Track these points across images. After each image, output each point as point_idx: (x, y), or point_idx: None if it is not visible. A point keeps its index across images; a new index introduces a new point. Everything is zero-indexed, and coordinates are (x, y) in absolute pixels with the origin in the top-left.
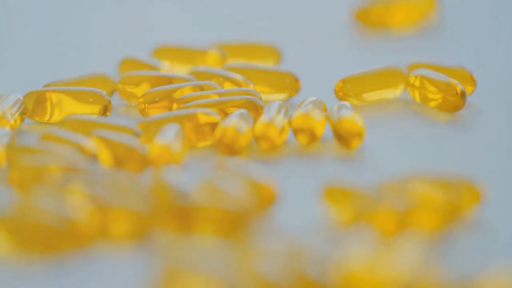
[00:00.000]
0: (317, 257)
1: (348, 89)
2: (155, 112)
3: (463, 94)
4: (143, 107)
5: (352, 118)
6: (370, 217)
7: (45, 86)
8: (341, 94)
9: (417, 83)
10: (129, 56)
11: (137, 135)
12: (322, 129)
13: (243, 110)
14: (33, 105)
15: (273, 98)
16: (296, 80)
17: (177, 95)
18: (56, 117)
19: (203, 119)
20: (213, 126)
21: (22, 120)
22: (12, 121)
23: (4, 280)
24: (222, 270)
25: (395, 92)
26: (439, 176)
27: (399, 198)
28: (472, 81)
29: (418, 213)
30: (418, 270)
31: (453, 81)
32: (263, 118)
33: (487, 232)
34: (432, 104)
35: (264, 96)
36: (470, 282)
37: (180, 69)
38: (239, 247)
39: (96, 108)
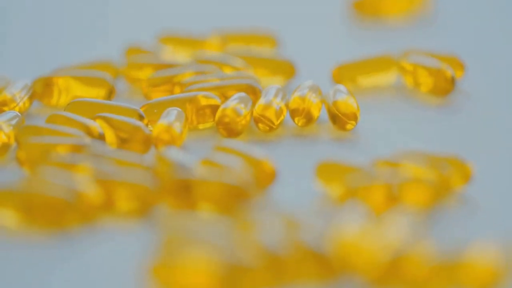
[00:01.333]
0: (313, 228)
1: (343, 73)
2: (158, 96)
3: (453, 79)
4: (147, 90)
5: (347, 101)
6: (362, 193)
7: (53, 71)
8: (337, 78)
9: (410, 68)
10: (134, 44)
11: (140, 117)
12: (318, 111)
13: (242, 93)
14: (41, 89)
15: (271, 82)
16: (292, 65)
17: (179, 79)
18: (63, 100)
19: (203, 102)
20: (214, 108)
21: (31, 103)
22: (21, 104)
23: (12, 251)
24: (221, 239)
25: (389, 77)
26: (430, 154)
27: (390, 174)
28: (461, 67)
29: (409, 188)
30: (407, 241)
31: (444, 66)
32: (261, 101)
33: (474, 208)
34: (424, 88)
35: (262, 80)
36: (457, 254)
37: (182, 56)
38: (239, 220)
39: (101, 92)
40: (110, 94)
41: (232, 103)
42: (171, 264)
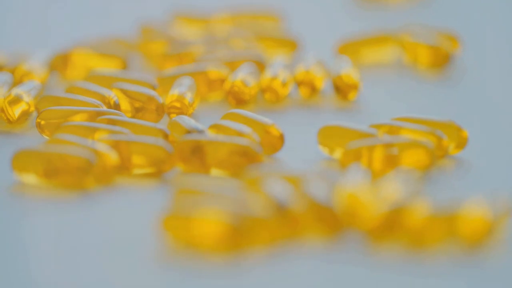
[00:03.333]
0: (320, 185)
1: (346, 47)
2: (171, 66)
3: (449, 55)
4: (160, 63)
5: (349, 72)
6: (362, 154)
7: (69, 46)
8: (340, 51)
9: (409, 44)
10: (147, 20)
11: (154, 87)
12: (321, 82)
13: (250, 65)
14: (60, 64)
15: (276, 55)
16: (295, 39)
17: (190, 53)
18: (80, 73)
19: (213, 73)
20: (222, 80)
21: (50, 74)
22: (41, 75)
23: (35, 208)
24: (232, 194)
25: (389, 52)
26: (427, 119)
27: (390, 136)
28: (458, 43)
29: (408, 149)
30: (405, 196)
31: (441, 42)
32: (268, 73)
33: (468, 171)
34: (422, 63)
35: (268, 54)
36: (452, 208)
37: (192, 31)
38: (248, 178)
39: (116, 65)
40: (124, 67)
41: (240, 74)
42: (182, 216)
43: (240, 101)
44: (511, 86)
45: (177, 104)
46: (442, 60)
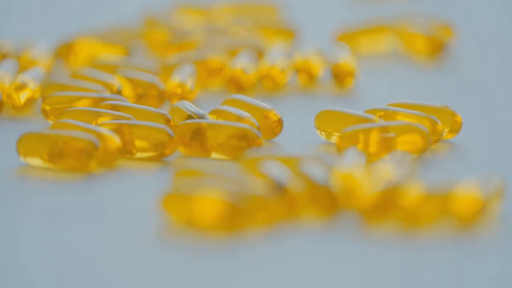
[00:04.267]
0: (318, 166)
1: (344, 35)
2: (173, 53)
3: (444, 44)
4: (162, 51)
5: (346, 60)
6: (359, 137)
7: (74, 35)
8: (338, 39)
9: (405, 33)
10: (150, 9)
11: (156, 74)
12: (319, 70)
13: (249, 52)
14: (64, 50)
15: (275, 44)
16: (293, 28)
17: (192, 42)
18: (85, 60)
19: (213, 61)
20: (222, 67)
21: (55, 62)
22: (45, 63)
23: (40, 190)
24: (232, 175)
25: (386, 40)
26: (422, 105)
27: (385, 120)
28: (453, 33)
29: (403, 133)
30: (401, 176)
31: (436, 32)
32: (267, 61)
33: (462, 155)
34: (417, 51)
35: (266, 42)
36: (446, 188)
37: (193, 21)
38: (247, 161)
39: (119, 53)
40: (127, 55)
41: (240, 61)
42: (182, 194)
43: (240, 88)
44: (505, 73)
45: (178, 91)
46: (438, 49)
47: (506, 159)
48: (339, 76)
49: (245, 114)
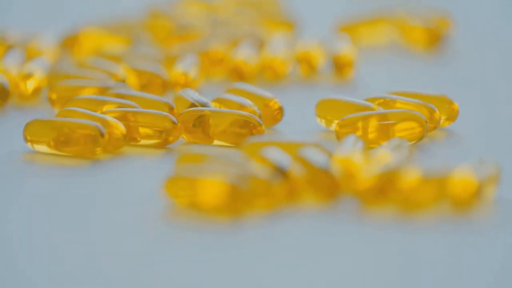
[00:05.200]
0: (318, 151)
1: (345, 26)
2: (177, 43)
3: (442, 36)
4: (166, 41)
5: (346, 50)
6: (358, 124)
7: (79, 26)
8: (339, 30)
9: (405, 25)
10: (155, 4)
11: (160, 63)
12: (320, 60)
13: (250, 43)
14: (70, 41)
15: (276, 35)
16: (292, 19)
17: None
18: (90, 50)
19: (215, 51)
20: (224, 57)
21: (60, 51)
22: (51, 52)
23: (47, 175)
24: (234, 159)
25: (386, 32)
26: (420, 93)
27: (384, 109)
28: (451, 25)
29: (402, 120)
30: (399, 160)
31: (435, 24)
32: (268, 52)
33: (459, 141)
34: (416, 39)
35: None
36: (443, 172)
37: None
38: (249, 144)
39: (124, 43)
40: (131, 45)
41: (241, 52)
42: (184, 177)
43: (242, 78)
44: (501, 64)
45: (182, 80)
46: (436, 41)
47: (501, 145)
48: (339, 66)
49: (247, 102)
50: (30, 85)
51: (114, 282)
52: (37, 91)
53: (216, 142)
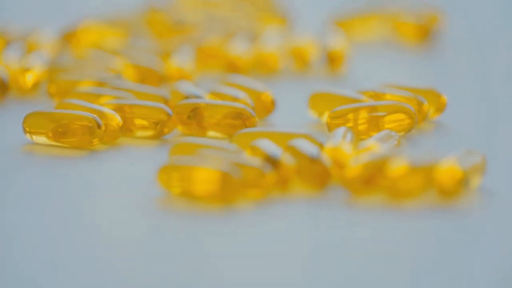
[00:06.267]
0: (310, 142)
1: (338, 20)
2: (173, 37)
3: (431, 31)
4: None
5: (339, 44)
6: (348, 116)
7: (77, 21)
8: (333, 25)
9: (397, 20)
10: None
11: (156, 57)
12: (313, 54)
13: (244, 37)
14: (69, 34)
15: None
16: (285, 14)
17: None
18: (89, 44)
19: (210, 45)
20: (219, 51)
21: (60, 45)
22: (51, 46)
23: (46, 165)
24: (226, 147)
25: (379, 25)
26: (410, 86)
27: (374, 101)
28: (440, 20)
29: (391, 112)
30: (388, 150)
31: (425, 20)
32: (262, 45)
33: (447, 133)
34: (408, 34)
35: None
36: (431, 161)
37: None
38: (242, 134)
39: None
40: (128, 38)
41: (235, 46)
42: (178, 164)
43: (236, 72)
44: (490, 57)
45: (177, 73)
46: (427, 36)
47: (488, 137)
48: (332, 60)
49: (240, 94)
50: (30, 78)
51: (109, 266)
52: (36, 84)
53: (210, 133)
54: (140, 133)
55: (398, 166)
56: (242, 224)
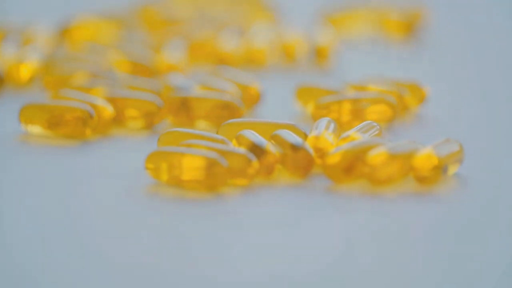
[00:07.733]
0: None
1: (327, 16)
2: (165, 30)
3: (415, 27)
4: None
5: (326, 40)
6: (332, 108)
7: (72, 18)
8: (321, 18)
9: (383, 18)
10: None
11: (148, 50)
12: (299, 49)
13: (233, 31)
14: (65, 29)
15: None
16: (272, 11)
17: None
18: (84, 38)
19: (201, 38)
20: (208, 45)
21: (55, 39)
22: (47, 39)
23: (41, 154)
24: (213, 137)
25: (365, 21)
26: (392, 79)
27: (357, 93)
28: (423, 17)
29: (373, 103)
30: (369, 139)
31: (410, 17)
32: (251, 40)
33: (427, 123)
34: (393, 30)
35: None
36: (406, 152)
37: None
38: (228, 124)
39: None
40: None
41: (225, 40)
42: (165, 152)
43: (227, 63)
44: (472, 53)
45: (169, 65)
46: (412, 31)
47: (468, 127)
48: (319, 54)
49: (228, 86)
50: (25, 71)
51: (100, 252)
52: (32, 77)
53: (199, 124)
54: (131, 123)
55: (376, 154)
56: (228, 211)
